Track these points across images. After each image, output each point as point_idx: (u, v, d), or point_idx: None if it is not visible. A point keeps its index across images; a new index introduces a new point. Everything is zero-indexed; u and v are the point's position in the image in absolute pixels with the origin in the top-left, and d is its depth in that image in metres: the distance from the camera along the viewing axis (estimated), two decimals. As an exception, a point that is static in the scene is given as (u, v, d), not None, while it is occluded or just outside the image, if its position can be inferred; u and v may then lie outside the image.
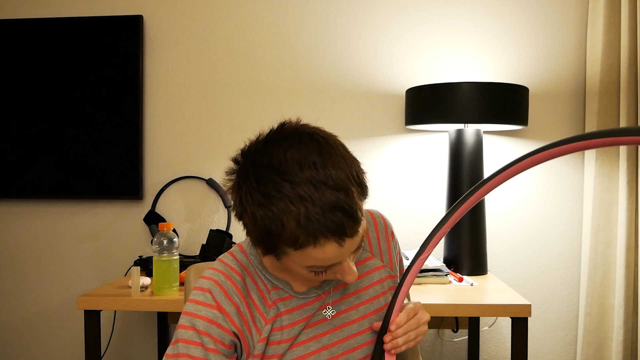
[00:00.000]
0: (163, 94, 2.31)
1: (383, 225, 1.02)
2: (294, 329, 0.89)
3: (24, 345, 2.38)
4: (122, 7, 2.31)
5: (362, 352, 0.94)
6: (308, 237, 0.73)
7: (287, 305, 0.89)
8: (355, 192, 0.76)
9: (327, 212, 0.73)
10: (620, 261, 2.00)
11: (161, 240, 1.71)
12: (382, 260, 1.01)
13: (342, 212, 0.73)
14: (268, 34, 2.28)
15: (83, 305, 1.67)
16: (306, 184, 0.73)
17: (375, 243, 1.01)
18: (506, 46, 2.21)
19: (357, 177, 0.78)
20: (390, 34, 2.24)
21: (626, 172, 2.01)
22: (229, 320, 0.85)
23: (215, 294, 0.85)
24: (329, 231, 0.73)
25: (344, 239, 0.75)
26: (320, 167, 0.74)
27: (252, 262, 0.91)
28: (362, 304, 0.96)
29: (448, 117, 1.88)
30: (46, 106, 2.29)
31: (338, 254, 0.77)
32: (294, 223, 0.73)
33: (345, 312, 0.94)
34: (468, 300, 1.63)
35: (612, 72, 2.08)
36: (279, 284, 0.90)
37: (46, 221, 2.35)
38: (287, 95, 2.27)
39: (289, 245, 0.75)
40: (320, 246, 0.74)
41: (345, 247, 0.76)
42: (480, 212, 2.01)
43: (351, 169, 0.77)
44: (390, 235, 1.03)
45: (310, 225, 0.72)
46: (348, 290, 0.95)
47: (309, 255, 0.76)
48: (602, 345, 2.08)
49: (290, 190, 0.73)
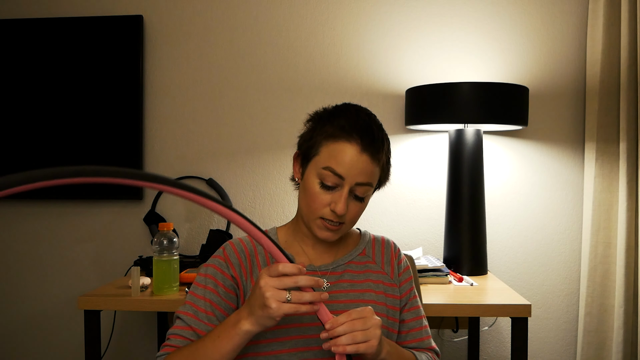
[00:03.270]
0: (163, 94, 2.31)
1: (390, 246, 1.16)
2: None
3: (24, 345, 2.38)
4: (122, 7, 2.31)
5: None
6: (342, 132, 0.99)
7: None
8: (385, 142, 1.03)
9: (361, 125, 0.99)
10: (620, 261, 2.00)
11: (161, 240, 1.70)
12: (383, 269, 1.12)
13: (370, 133, 0.99)
14: (268, 34, 2.28)
15: (83, 305, 1.67)
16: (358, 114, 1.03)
17: (379, 255, 1.14)
18: (506, 46, 2.21)
19: (387, 137, 1.05)
20: (391, 34, 2.24)
21: (626, 172, 2.01)
22: (230, 268, 1.05)
23: (226, 249, 1.08)
24: (356, 132, 0.98)
25: (364, 150, 0.98)
26: (369, 115, 1.04)
27: None
28: (354, 291, 1.07)
29: (448, 117, 1.88)
30: (46, 106, 2.29)
31: (353, 160, 0.98)
32: (337, 122, 1.00)
33: (337, 293, 1.06)
34: (468, 300, 1.63)
35: (612, 72, 2.08)
36: None
37: (46, 221, 2.35)
38: (287, 95, 2.27)
39: (327, 137, 1.00)
40: (346, 142, 0.98)
41: (360, 160, 0.98)
42: (480, 212, 2.01)
43: (384, 133, 1.05)
44: (394, 255, 1.15)
45: (347, 125, 0.99)
46: (344, 277, 1.08)
47: (334, 150, 0.99)
48: (602, 345, 2.08)
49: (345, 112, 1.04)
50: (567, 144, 2.21)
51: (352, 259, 1.11)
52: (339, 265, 1.09)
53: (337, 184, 0.99)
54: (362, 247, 1.13)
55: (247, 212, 2.29)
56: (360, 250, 1.13)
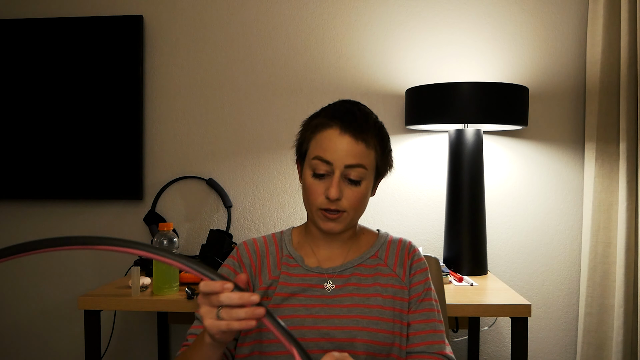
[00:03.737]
0: (163, 94, 2.31)
1: (406, 247, 1.14)
2: (290, 288, 1.05)
3: (24, 345, 2.38)
4: (122, 7, 2.31)
5: (343, 334, 1.00)
6: (324, 120, 1.03)
7: (289, 270, 1.07)
8: (374, 126, 1.04)
9: (342, 111, 1.03)
10: (620, 261, 2.00)
11: (161, 240, 1.70)
12: (395, 271, 1.09)
13: (350, 114, 1.02)
14: (268, 34, 2.28)
15: (83, 305, 1.67)
16: (343, 103, 1.07)
17: (392, 257, 1.11)
18: (506, 46, 2.21)
19: (379, 124, 1.07)
20: (390, 34, 2.24)
21: (626, 172, 2.01)
22: (242, 268, 1.09)
23: (240, 249, 1.12)
24: (337, 117, 1.02)
25: (345, 130, 1.00)
26: (355, 104, 1.08)
27: (285, 240, 1.13)
28: (359, 295, 1.04)
29: (448, 117, 1.88)
30: (46, 106, 2.29)
31: (335, 142, 1.00)
32: (322, 115, 1.05)
33: (341, 296, 1.04)
34: (468, 300, 1.63)
35: (612, 72, 2.08)
36: (294, 255, 1.10)
37: (46, 221, 2.35)
38: (287, 95, 2.27)
39: (313, 130, 1.04)
40: (328, 128, 1.02)
41: (343, 141, 1.00)
42: (480, 212, 2.01)
43: (376, 119, 1.07)
44: (408, 255, 1.12)
45: (329, 114, 1.04)
46: (351, 280, 1.06)
47: (319, 139, 1.02)
48: (602, 345, 2.08)
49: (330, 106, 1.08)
50: (567, 144, 2.21)
51: (362, 262, 1.09)
52: (347, 268, 1.08)
53: (328, 171, 1.01)
54: (375, 250, 1.11)
55: (247, 212, 2.29)
56: (373, 252, 1.10)
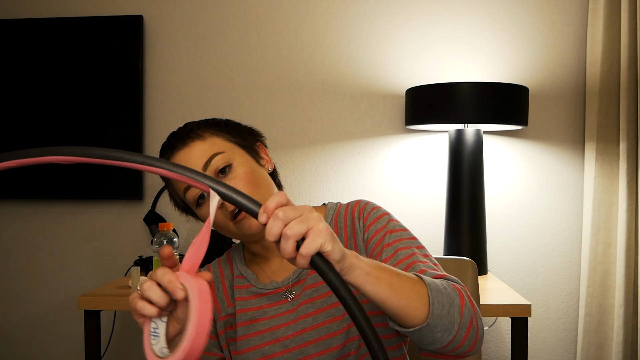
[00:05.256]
0: (163, 94, 2.31)
1: (353, 209, 1.03)
2: (248, 314, 0.98)
3: (24, 345, 2.38)
4: (122, 7, 2.31)
5: (317, 347, 0.94)
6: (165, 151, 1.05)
7: (241, 293, 1.01)
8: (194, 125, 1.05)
9: (166, 145, 1.07)
10: (620, 261, 2.00)
11: (161, 240, 1.70)
12: (354, 237, 1.00)
13: (172, 137, 1.05)
14: (268, 34, 2.28)
15: (83, 305, 1.67)
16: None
17: (341, 229, 1.01)
18: (506, 46, 2.21)
19: (204, 120, 1.07)
20: (390, 34, 2.24)
21: (626, 172, 2.01)
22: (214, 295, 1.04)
23: None
24: (167, 151, 1.03)
25: (176, 148, 1.01)
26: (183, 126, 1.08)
27: (236, 258, 1.07)
28: (319, 297, 0.97)
29: (448, 117, 1.88)
30: (46, 106, 2.29)
31: (180, 162, 0.99)
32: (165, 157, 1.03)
33: (303, 304, 0.97)
34: (468, 300, 1.63)
35: (612, 72, 2.08)
36: (245, 275, 1.03)
37: (46, 221, 2.35)
38: (287, 95, 2.27)
39: (167, 182, 1.08)
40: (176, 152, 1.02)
41: (181, 155, 1.00)
42: (480, 212, 2.01)
43: (220, 121, 1.06)
44: (358, 212, 1.02)
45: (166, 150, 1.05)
46: (307, 282, 0.98)
47: (171, 181, 1.05)
48: (602, 345, 2.08)
49: None
50: (567, 144, 2.21)
51: None
52: (300, 272, 1.00)
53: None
54: None
55: (247, 212, 2.29)
56: None
